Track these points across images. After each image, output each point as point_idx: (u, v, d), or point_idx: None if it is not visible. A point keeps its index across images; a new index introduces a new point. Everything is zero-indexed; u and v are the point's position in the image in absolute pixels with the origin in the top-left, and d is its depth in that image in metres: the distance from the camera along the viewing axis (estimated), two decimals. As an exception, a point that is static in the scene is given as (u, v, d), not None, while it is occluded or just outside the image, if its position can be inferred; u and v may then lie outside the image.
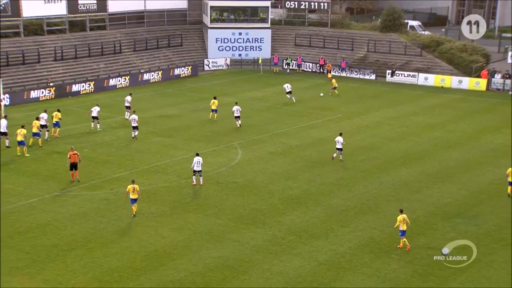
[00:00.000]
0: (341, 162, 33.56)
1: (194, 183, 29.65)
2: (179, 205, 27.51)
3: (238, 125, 40.40)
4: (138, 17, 63.43)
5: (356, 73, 59.84)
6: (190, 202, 27.95)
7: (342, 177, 31.53)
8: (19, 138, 33.28)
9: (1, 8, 51.64)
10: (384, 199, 28.71)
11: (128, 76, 54.20)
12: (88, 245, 23.41)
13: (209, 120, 42.11)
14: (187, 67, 59.32)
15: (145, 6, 63.15)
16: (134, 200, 25.59)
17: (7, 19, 52.89)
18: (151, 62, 59.62)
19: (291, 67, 62.10)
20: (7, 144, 35.02)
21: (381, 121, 43.02)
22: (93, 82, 51.34)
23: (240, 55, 64.32)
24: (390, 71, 58.54)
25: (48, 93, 47.96)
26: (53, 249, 22.97)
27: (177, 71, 58.32)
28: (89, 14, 58.75)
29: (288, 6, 68.52)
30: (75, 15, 57.72)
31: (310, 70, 61.34)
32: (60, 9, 56.06)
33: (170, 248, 23.43)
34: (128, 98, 42.52)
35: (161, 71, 56.98)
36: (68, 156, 30.05)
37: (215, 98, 42.59)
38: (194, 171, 29.48)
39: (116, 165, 32.68)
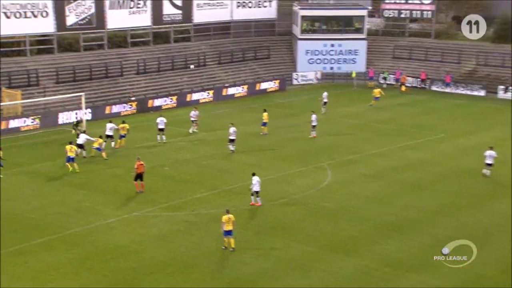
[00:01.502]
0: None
1: (253, 203, 29.77)
2: (263, 230, 27.57)
3: (313, 136, 42.08)
4: (223, 28, 64.88)
5: (462, 89, 57.96)
6: (275, 226, 27.94)
7: (445, 204, 30.45)
8: (70, 154, 34.74)
9: (86, 20, 54.55)
10: (496, 230, 27.41)
11: (212, 90, 55.38)
12: (167, 270, 23.88)
13: (261, 135, 42.59)
14: (274, 81, 59.82)
15: (231, 16, 64.52)
16: (229, 232, 25.14)
17: (92, 31, 55.74)
18: (236, 75, 60.65)
19: (387, 82, 61.17)
20: (84, 155, 37.12)
21: (490, 142, 41.15)
22: (175, 96, 52.87)
23: (332, 68, 64.13)
24: (503, 87, 56.21)
25: (129, 107, 49.87)
26: (131, 273, 23.61)
27: (263, 85, 58.94)
28: (174, 25, 60.82)
29: (387, 15, 67.71)
30: (159, 26, 59.95)
31: (409, 85, 60.06)
32: (144, 20, 58.43)
33: (253, 276, 23.47)
34: (194, 113, 43.49)
35: (246, 85, 57.81)
36: (135, 166, 31.16)
37: (265, 110, 43.17)
38: (256, 191, 29.63)
39: (197, 184, 33.32)
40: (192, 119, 43.59)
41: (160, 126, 40.75)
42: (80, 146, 37.09)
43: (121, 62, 55.39)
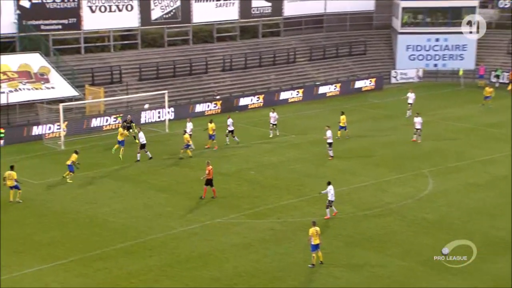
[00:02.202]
0: None
1: (328, 216, 29.30)
2: (355, 241, 27.39)
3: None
4: (316, 22, 64.84)
5: None
6: (368, 238, 27.70)
7: None
8: (119, 138, 37.12)
9: (171, 13, 56.06)
10: None
11: (302, 89, 55.46)
12: (251, 281, 24.17)
13: (336, 139, 41.49)
14: (370, 80, 59.22)
15: (325, 9, 64.35)
16: (316, 247, 25.03)
17: (177, 25, 57.15)
18: (328, 73, 60.47)
19: (500, 80, 59.08)
20: (150, 156, 38.07)
21: None
22: (262, 95, 53.37)
23: (435, 65, 62.73)
24: None
25: (214, 106, 50.80)
26: (214, 283, 24.07)
27: (358, 84, 58.46)
28: (263, 18, 61.39)
29: (502, 6, 65.31)
30: (247, 20, 60.69)
31: (525, 84, 57.74)
32: (232, 13, 59.37)
33: (344, 292, 23.43)
34: (272, 115, 43.22)
35: (339, 84, 57.53)
36: (207, 171, 31.61)
37: (343, 113, 42.64)
38: (331, 201, 29.27)
39: (284, 190, 33.53)
40: (271, 122, 43.31)
41: (230, 128, 41.07)
42: (144, 146, 38.10)
43: (206, 58, 56.49)
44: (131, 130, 40.89)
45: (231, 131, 41.33)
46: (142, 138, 38.27)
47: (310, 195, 32.61)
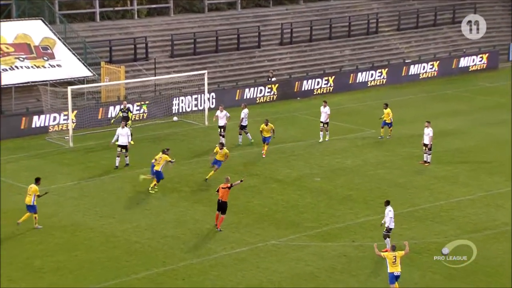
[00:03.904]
0: None
1: (387, 249, 28.01)
2: (458, 274, 27.11)
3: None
4: (406, -22, 64.56)
5: None
6: (477, 269, 27.41)
7: None
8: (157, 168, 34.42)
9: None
10: None
11: (386, 69, 55.25)
12: (316, 323, 24.37)
13: (387, 138, 42.01)
14: (480, 56, 58.77)
15: (421, -40, 64.09)
16: (396, 278, 24.91)
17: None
18: (422, 47, 60.17)
19: None
20: (127, 162, 37.86)
21: None
22: (333, 77, 53.32)
23: None
24: None
25: (268, 92, 50.88)
26: (266, 324, 24.37)
27: (463, 62, 58.11)
28: (334, -25, 61.45)
29: None
30: (314, -23, 60.87)
31: None
32: (292, -33, 59.68)
33: None
34: (324, 109, 41.81)
35: (437, 62, 57.16)
36: (217, 189, 31.05)
37: (387, 105, 42.15)
38: (390, 229, 28.69)
39: (360, 203, 33.50)
40: (322, 120, 41.79)
41: (244, 123, 40.72)
42: (123, 148, 37.35)
43: (258, 28, 56.71)
44: (129, 122, 40.23)
45: (244, 127, 40.84)
46: (122, 136, 37.13)
47: (395, 211, 32.39)
